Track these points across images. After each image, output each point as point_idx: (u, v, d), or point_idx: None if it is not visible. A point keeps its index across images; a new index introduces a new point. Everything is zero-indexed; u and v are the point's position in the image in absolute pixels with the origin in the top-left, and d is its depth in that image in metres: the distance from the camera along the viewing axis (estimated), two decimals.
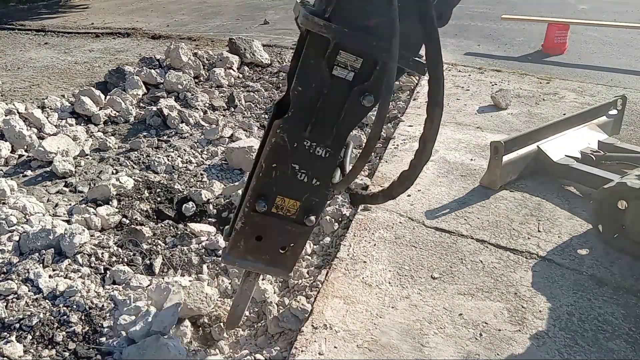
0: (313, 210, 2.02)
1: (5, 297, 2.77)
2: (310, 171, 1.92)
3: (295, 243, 2.13)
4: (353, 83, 1.73)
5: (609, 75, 7.07)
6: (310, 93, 1.75)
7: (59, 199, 3.99)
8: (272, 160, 1.89)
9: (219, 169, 4.49)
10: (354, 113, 1.81)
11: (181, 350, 2.39)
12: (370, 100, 1.75)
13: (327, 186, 1.98)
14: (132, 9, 13.74)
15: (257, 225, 2.03)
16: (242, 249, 2.10)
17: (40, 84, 6.76)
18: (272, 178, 1.92)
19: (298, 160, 1.89)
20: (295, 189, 1.96)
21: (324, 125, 1.82)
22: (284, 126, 1.81)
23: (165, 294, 2.73)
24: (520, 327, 2.49)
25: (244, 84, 6.53)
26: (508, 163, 3.74)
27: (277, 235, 2.08)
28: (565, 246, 3.12)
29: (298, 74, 1.73)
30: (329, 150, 1.88)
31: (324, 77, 1.71)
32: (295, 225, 2.05)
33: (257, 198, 1.94)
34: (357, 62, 1.69)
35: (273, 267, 2.20)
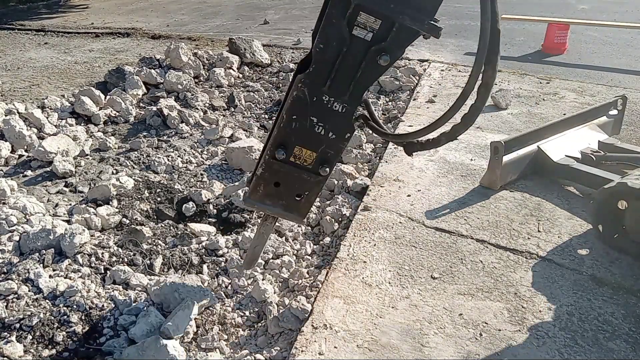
0: (328, 161, 2.17)
1: (6, 297, 2.77)
2: (327, 124, 2.06)
3: (309, 191, 2.28)
4: (371, 43, 1.83)
5: (609, 75, 7.07)
6: (331, 51, 1.86)
7: (59, 199, 3.99)
8: (292, 112, 2.03)
9: (219, 169, 4.49)
10: (370, 71, 1.91)
11: (180, 351, 2.39)
12: (386, 60, 1.85)
13: (342, 138, 2.11)
14: (132, 8, 13.74)
15: (276, 172, 2.20)
16: (261, 193, 2.28)
17: (40, 84, 6.76)
18: (292, 129, 2.07)
19: (317, 113, 2.03)
20: (313, 141, 2.10)
21: (342, 81, 1.94)
22: (305, 80, 1.95)
23: (171, 294, 2.74)
24: (520, 327, 2.49)
25: (244, 84, 6.53)
26: (508, 163, 3.74)
27: (293, 182, 2.24)
28: (565, 246, 3.12)
29: (320, 32, 1.85)
30: (346, 106, 2.01)
31: (344, 36, 1.82)
32: (310, 174, 2.20)
33: (277, 147, 2.10)
34: (376, 23, 1.79)
35: (289, 212, 2.36)
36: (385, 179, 4.02)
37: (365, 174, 4.32)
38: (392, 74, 6.52)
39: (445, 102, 5.80)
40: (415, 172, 4.13)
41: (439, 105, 5.71)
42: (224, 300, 2.89)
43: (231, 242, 3.39)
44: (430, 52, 7.90)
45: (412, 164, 4.28)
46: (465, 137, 4.77)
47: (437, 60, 7.58)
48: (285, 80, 6.44)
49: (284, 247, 3.28)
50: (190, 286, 2.81)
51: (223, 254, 3.27)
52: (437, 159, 4.33)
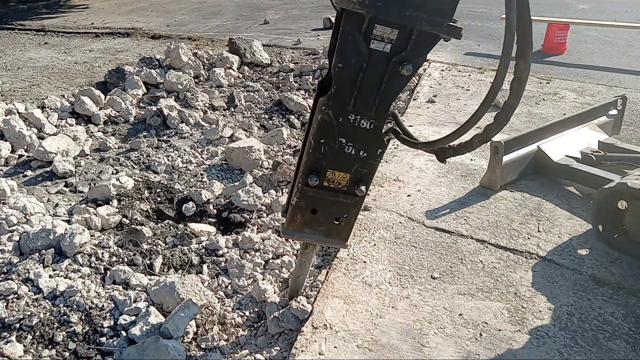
0: (362, 180, 2.12)
1: (6, 297, 2.77)
2: (356, 143, 2.01)
3: (348, 213, 2.24)
4: (391, 54, 1.79)
5: (609, 75, 7.07)
6: (351, 68, 1.82)
7: (59, 199, 3.99)
8: (320, 136, 1.99)
9: (219, 169, 4.49)
10: (394, 83, 1.87)
11: (180, 351, 2.39)
12: (409, 69, 1.80)
13: (374, 156, 2.06)
14: (132, 8, 13.74)
15: (311, 199, 2.15)
16: (299, 222, 2.23)
17: (40, 84, 6.76)
18: (322, 153, 2.02)
19: (344, 134, 1.98)
20: (344, 162, 2.06)
21: (366, 98, 1.89)
22: (328, 103, 1.90)
23: (171, 294, 2.74)
24: (520, 327, 2.49)
25: (244, 84, 6.53)
26: (508, 163, 3.74)
27: (330, 207, 2.19)
28: (565, 246, 3.12)
29: (337, 51, 1.80)
30: (373, 122, 1.96)
31: (362, 51, 1.77)
32: (346, 196, 2.15)
33: (309, 173, 2.06)
34: (392, 33, 1.74)
35: (330, 237, 2.32)
36: (385, 179, 4.02)
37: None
38: None
39: (445, 102, 5.80)
40: (415, 172, 4.13)
41: (439, 105, 5.71)
42: (224, 300, 2.89)
43: (231, 242, 3.39)
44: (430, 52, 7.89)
45: (412, 164, 4.28)
46: (464, 137, 4.76)
47: (437, 60, 7.58)
48: (286, 80, 6.44)
49: (284, 247, 3.28)
50: (190, 286, 2.81)
51: (223, 254, 3.27)
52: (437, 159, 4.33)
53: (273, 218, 3.59)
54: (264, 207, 3.79)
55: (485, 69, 7.21)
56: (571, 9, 12.21)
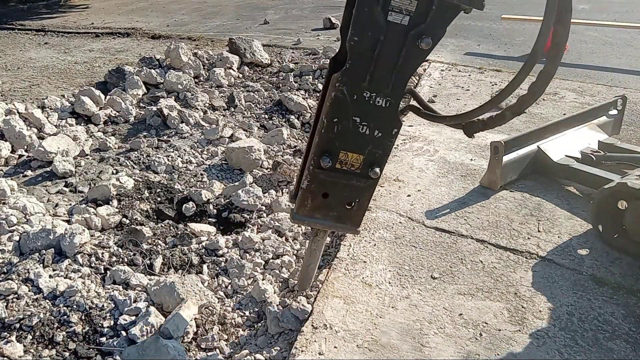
0: (377, 162, 2.02)
1: (6, 297, 2.77)
2: (371, 123, 1.91)
3: (361, 197, 2.13)
4: (409, 27, 1.70)
5: (609, 75, 7.07)
6: (367, 42, 1.72)
7: (59, 199, 3.99)
8: (333, 115, 1.88)
9: (219, 169, 4.49)
10: (412, 57, 1.78)
11: (180, 351, 2.39)
12: (428, 43, 1.72)
13: (389, 136, 1.96)
14: (132, 8, 13.74)
15: (322, 182, 2.05)
16: (310, 207, 2.12)
17: (40, 84, 6.76)
18: (335, 133, 1.91)
19: (359, 112, 1.88)
20: (358, 143, 1.95)
21: (383, 73, 1.79)
22: (343, 78, 1.80)
23: (171, 294, 2.74)
24: (520, 327, 2.49)
25: (244, 84, 6.53)
26: (508, 163, 3.74)
27: (342, 190, 2.08)
28: (565, 246, 3.12)
29: (353, 23, 1.70)
30: (389, 99, 1.86)
31: (379, 23, 1.69)
32: (360, 179, 2.05)
33: (322, 154, 1.95)
34: (411, 4, 1.66)
35: (341, 223, 2.21)
36: (385, 179, 4.02)
37: None
38: None
39: (445, 102, 5.80)
40: (415, 172, 4.13)
41: (439, 105, 5.71)
42: (224, 300, 2.89)
43: (231, 242, 3.39)
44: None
45: (412, 164, 4.28)
46: (465, 137, 4.75)
47: (437, 60, 7.58)
48: (286, 80, 6.44)
49: (284, 247, 3.28)
50: (190, 286, 2.81)
51: (223, 254, 3.27)
52: (437, 159, 4.34)
53: (273, 218, 3.59)
54: (264, 207, 3.79)
55: (485, 69, 7.21)
56: None
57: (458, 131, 5.07)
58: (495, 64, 7.63)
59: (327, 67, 6.70)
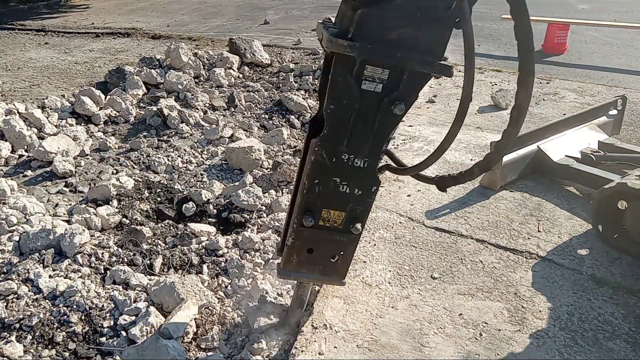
0: (358, 218, 2.10)
1: (5, 297, 2.77)
2: (351, 182, 2.00)
3: (345, 251, 2.21)
4: (383, 94, 1.77)
5: (609, 75, 7.07)
6: (343, 109, 1.80)
7: (59, 199, 4.00)
8: (314, 177, 1.97)
9: (219, 169, 4.49)
10: (387, 122, 1.86)
11: (180, 351, 2.39)
12: (402, 109, 1.79)
13: (369, 194, 2.05)
14: (132, 8, 13.75)
15: (307, 239, 2.13)
16: (296, 262, 2.20)
17: (40, 84, 6.77)
18: (316, 193, 2.00)
19: (338, 173, 1.96)
20: (339, 201, 2.04)
21: (360, 137, 1.88)
22: (322, 144, 1.89)
23: (171, 294, 2.74)
24: (520, 327, 2.49)
25: (244, 84, 6.53)
26: (508, 163, 3.74)
27: (326, 245, 2.17)
28: (565, 246, 3.12)
29: (328, 93, 1.78)
30: (367, 160, 1.95)
31: (353, 93, 1.76)
32: (342, 234, 2.13)
33: (304, 214, 2.04)
34: (384, 74, 1.73)
35: (327, 276, 2.30)
36: (385, 179, 4.02)
37: None
38: None
39: (445, 102, 5.80)
40: None
41: (439, 106, 5.71)
42: (223, 300, 2.89)
43: (231, 242, 3.39)
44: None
45: (412, 164, 4.27)
46: (465, 137, 4.77)
47: None
48: (286, 80, 6.44)
49: None
50: (190, 286, 2.81)
51: (223, 254, 3.27)
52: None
53: (273, 218, 3.59)
54: (264, 207, 3.79)
55: (485, 69, 7.21)
56: (571, 9, 12.21)
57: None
58: (495, 64, 7.63)
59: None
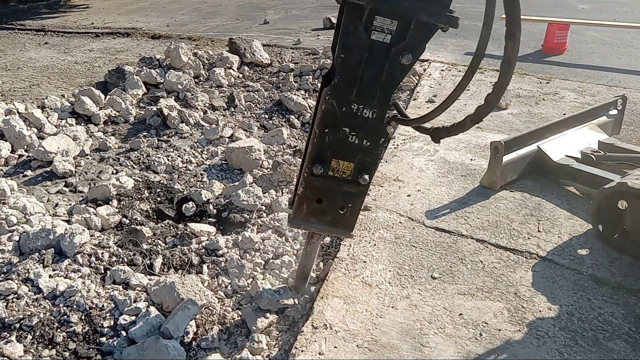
0: (366, 169, 2.16)
1: (6, 297, 2.77)
2: (360, 132, 2.06)
3: (353, 203, 2.27)
4: (391, 44, 1.84)
5: (609, 75, 7.07)
6: (353, 59, 1.87)
7: (59, 198, 3.99)
8: (324, 126, 2.04)
9: (219, 168, 4.49)
10: (395, 72, 1.92)
11: (180, 351, 2.39)
12: (409, 59, 1.86)
13: (377, 145, 2.11)
14: (132, 8, 13.74)
15: (316, 188, 2.20)
16: (305, 212, 2.28)
17: (40, 83, 6.76)
18: (326, 142, 2.07)
19: (348, 123, 2.03)
20: (348, 151, 2.10)
21: (369, 87, 1.94)
22: (332, 93, 1.96)
23: (171, 294, 2.73)
24: (520, 327, 2.49)
25: (244, 84, 6.53)
26: (508, 163, 3.74)
27: (335, 196, 2.23)
28: (565, 246, 3.12)
29: (339, 43, 1.85)
30: (375, 111, 2.01)
31: (363, 42, 1.83)
32: (351, 185, 2.19)
33: (314, 162, 2.11)
34: (392, 24, 1.79)
35: (335, 227, 2.36)
36: (385, 179, 4.02)
37: None
38: None
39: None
40: (415, 172, 4.13)
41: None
42: (223, 300, 2.89)
43: (231, 242, 3.39)
44: (430, 52, 7.90)
45: (412, 164, 4.28)
46: (465, 137, 4.77)
47: (437, 60, 7.58)
48: (286, 80, 6.44)
49: (284, 247, 3.28)
50: (190, 286, 2.81)
51: (223, 254, 3.27)
52: (437, 159, 4.34)
53: (273, 218, 3.59)
54: (264, 207, 3.79)
55: (485, 69, 7.21)
56: (571, 8, 12.21)
57: None
58: (496, 64, 7.63)
59: (326, 67, 6.69)
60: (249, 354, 2.44)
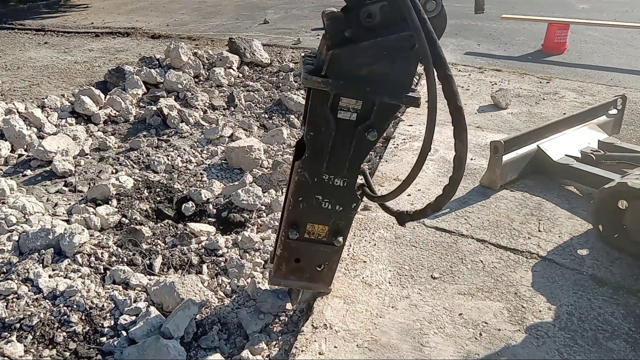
0: (340, 231, 2.30)
1: (5, 297, 2.77)
2: (332, 199, 2.18)
3: (329, 261, 2.43)
4: (357, 122, 1.94)
5: (609, 74, 7.07)
6: (321, 136, 1.98)
7: (59, 198, 3.99)
8: (298, 195, 2.16)
9: (219, 168, 4.49)
10: (362, 147, 2.02)
11: (180, 351, 2.39)
12: (374, 135, 1.96)
13: (349, 210, 2.23)
14: (132, 8, 13.73)
15: (293, 250, 2.34)
16: (285, 270, 2.41)
17: (40, 83, 6.76)
18: (300, 209, 2.19)
19: (320, 191, 2.15)
20: (322, 216, 2.23)
21: (338, 161, 2.06)
22: (304, 166, 2.07)
23: (171, 294, 2.73)
24: (520, 327, 2.49)
25: (244, 84, 6.53)
26: (508, 162, 3.74)
27: (312, 256, 2.38)
28: (565, 246, 3.12)
29: (308, 121, 1.96)
30: (346, 180, 2.12)
31: (330, 121, 1.92)
32: (327, 246, 2.33)
33: (290, 227, 2.24)
34: (357, 104, 1.89)
35: (313, 283, 2.51)
36: (385, 179, 4.02)
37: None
38: None
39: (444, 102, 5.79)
40: None
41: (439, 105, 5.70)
42: (223, 300, 2.89)
43: (231, 242, 3.39)
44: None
45: (412, 163, 4.26)
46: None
47: None
48: (285, 80, 6.44)
49: None
50: (190, 286, 2.81)
51: (223, 254, 3.27)
52: (437, 159, 4.33)
53: (273, 218, 3.59)
54: (263, 206, 3.79)
55: (485, 68, 7.21)
56: (571, 8, 12.21)
57: None
58: (496, 63, 7.63)
59: None
60: (249, 354, 2.44)
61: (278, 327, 2.65)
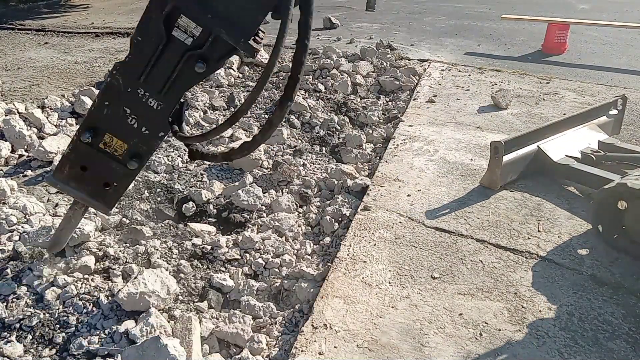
0: (138, 155, 2.17)
1: (6, 297, 2.77)
2: (140, 118, 2.06)
3: (118, 183, 2.28)
4: (189, 48, 1.86)
5: (609, 75, 7.07)
6: (148, 45, 1.88)
7: (59, 198, 3.99)
8: (105, 98, 2.03)
9: (219, 168, 4.49)
10: (186, 76, 1.94)
11: (180, 351, 2.39)
12: (202, 68, 1.89)
13: (155, 136, 2.11)
14: (132, 8, 13.74)
15: (82, 155, 2.18)
16: (66, 174, 2.25)
17: (40, 83, 6.76)
18: (104, 115, 2.06)
19: (130, 104, 2.03)
20: (125, 131, 2.10)
21: (157, 79, 1.95)
22: (120, 69, 1.97)
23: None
24: (520, 327, 2.49)
25: (244, 84, 6.53)
26: (508, 163, 3.74)
27: (101, 170, 2.22)
28: (565, 246, 3.12)
29: (139, 24, 1.87)
30: (161, 104, 2.01)
31: (161, 34, 1.84)
32: (119, 165, 2.19)
33: (86, 129, 2.09)
34: (197, 29, 1.82)
35: (94, 199, 2.33)
36: (385, 179, 4.02)
37: (365, 173, 4.32)
38: (392, 74, 6.51)
39: (445, 102, 5.80)
40: (415, 172, 4.13)
41: (439, 105, 5.71)
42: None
43: (231, 242, 3.39)
44: (430, 52, 7.90)
45: (412, 164, 4.28)
46: (465, 137, 4.77)
47: (437, 60, 7.58)
48: (285, 80, 6.44)
49: (284, 247, 3.28)
50: None
51: (224, 254, 3.26)
52: (437, 159, 4.34)
53: (273, 218, 3.59)
54: (264, 207, 3.79)
55: (485, 68, 7.21)
56: (571, 8, 12.21)
57: (458, 131, 5.07)
58: (496, 63, 7.63)
59: (326, 67, 6.67)
60: (249, 354, 2.44)
61: (278, 328, 2.65)
